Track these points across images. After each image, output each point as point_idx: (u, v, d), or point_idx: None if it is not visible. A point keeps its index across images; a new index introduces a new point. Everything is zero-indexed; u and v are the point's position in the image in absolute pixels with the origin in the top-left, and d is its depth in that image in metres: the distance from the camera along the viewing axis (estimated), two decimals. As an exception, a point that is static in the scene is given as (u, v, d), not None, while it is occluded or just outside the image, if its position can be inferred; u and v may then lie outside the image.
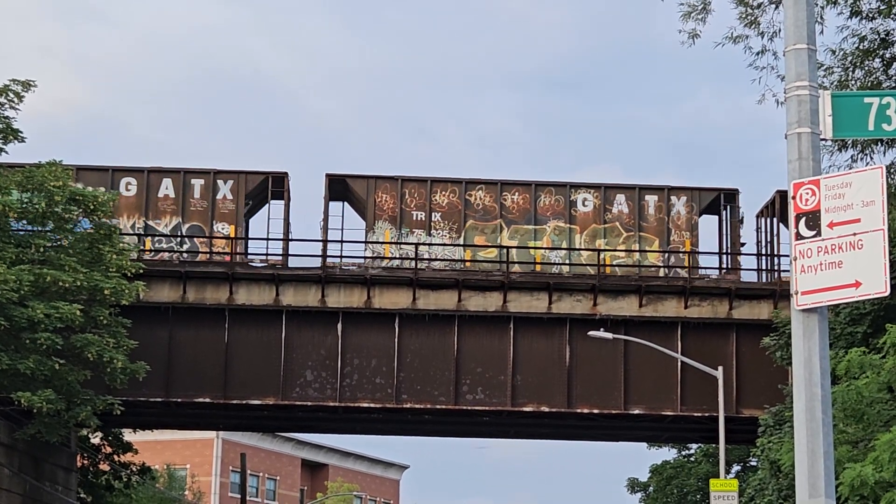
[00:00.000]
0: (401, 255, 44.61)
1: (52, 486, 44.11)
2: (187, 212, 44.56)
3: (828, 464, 10.77)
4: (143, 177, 44.68)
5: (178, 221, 44.52)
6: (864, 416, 28.61)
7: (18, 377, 37.27)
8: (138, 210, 44.45)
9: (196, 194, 44.72)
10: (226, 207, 44.69)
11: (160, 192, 44.71)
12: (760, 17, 33.37)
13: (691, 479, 57.42)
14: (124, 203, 44.31)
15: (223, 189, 44.83)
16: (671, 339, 43.49)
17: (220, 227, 44.60)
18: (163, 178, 44.81)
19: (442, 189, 45.27)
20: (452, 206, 45.14)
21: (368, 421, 48.19)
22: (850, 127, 11.53)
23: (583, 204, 45.48)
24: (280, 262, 44.10)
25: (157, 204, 44.62)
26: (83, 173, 44.38)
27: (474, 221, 45.16)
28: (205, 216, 44.67)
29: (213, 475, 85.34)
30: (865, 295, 10.87)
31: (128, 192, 44.52)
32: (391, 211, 44.95)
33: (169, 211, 44.66)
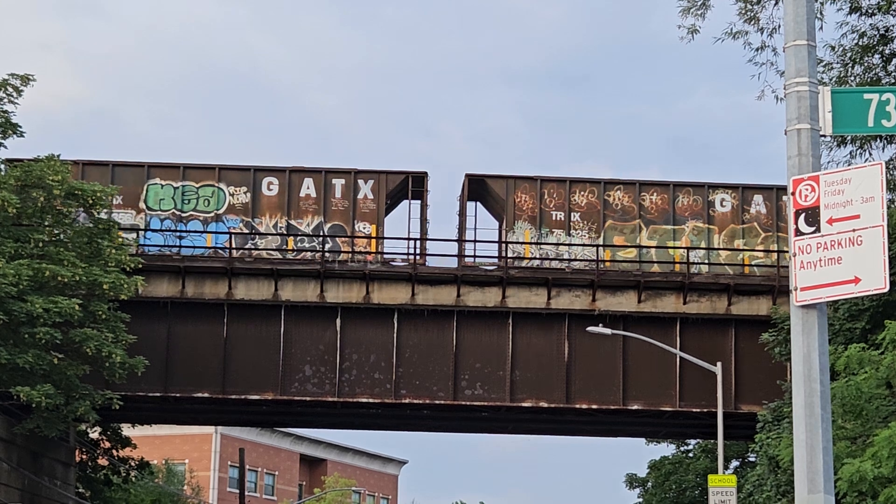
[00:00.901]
0: (540, 255, 44.67)
1: (51, 481, 44.13)
2: (329, 211, 44.68)
3: (827, 459, 10.78)
4: (285, 176, 44.81)
5: (320, 221, 44.64)
6: (862, 411, 28.65)
7: (17, 372, 37.28)
8: (280, 210, 44.59)
9: (337, 194, 44.82)
10: (367, 207, 44.75)
11: (302, 191, 44.82)
12: (760, 13, 33.44)
13: (690, 475, 57.40)
14: (266, 202, 44.55)
15: (364, 189, 44.93)
16: (670, 334, 43.50)
17: (361, 227, 44.67)
18: (304, 178, 44.92)
19: (581, 189, 45.20)
20: (591, 206, 45.08)
21: (367, 416, 48.20)
22: (849, 123, 11.53)
23: (721, 204, 45.32)
24: (420, 261, 44.28)
25: (298, 203, 44.73)
26: (226, 173, 44.77)
27: (613, 221, 45.09)
28: (346, 216, 44.75)
29: (212, 470, 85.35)
30: (865, 291, 10.88)
31: (269, 192, 44.70)
32: (530, 211, 44.94)
33: (311, 210, 44.75)
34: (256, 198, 44.46)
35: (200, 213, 44.42)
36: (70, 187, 39.22)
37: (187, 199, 44.39)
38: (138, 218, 44.19)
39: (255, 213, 44.25)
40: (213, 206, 44.37)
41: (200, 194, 44.40)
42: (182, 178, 44.55)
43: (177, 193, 44.41)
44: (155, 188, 44.38)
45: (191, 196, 44.43)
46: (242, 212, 44.48)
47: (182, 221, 44.38)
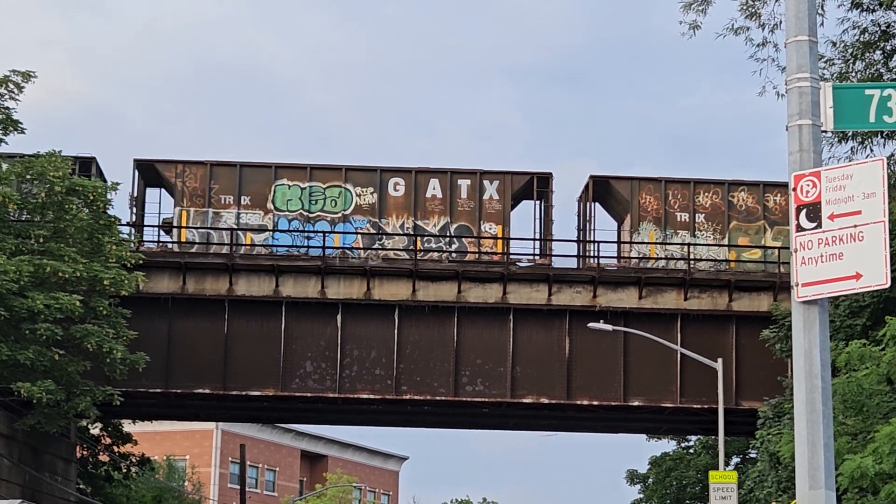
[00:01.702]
0: (666, 255, 44.74)
1: (52, 477, 44.14)
2: (455, 212, 44.79)
3: (828, 455, 10.78)
4: (411, 177, 44.98)
5: (447, 221, 44.72)
6: (863, 407, 28.66)
7: (18, 368, 37.29)
8: (407, 210, 44.73)
9: (463, 194, 44.96)
10: (492, 207, 44.89)
11: (428, 192, 44.92)
12: (761, 8, 33.40)
13: (690, 471, 57.41)
14: (393, 203, 44.70)
15: (489, 189, 45.05)
16: (671, 330, 43.51)
17: (487, 227, 44.75)
18: (430, 179, 45.09)
19: (705, 190, 45.29)
20: (716, 207, 45.15)
21: (368, 412, 48.21)
22: (851, 119, 11.52)
23: None
24: (546, 261, 44.42)
25: (425, 204, 44.87)
26: (353, 174, 45.03)
27: (737, 222, 45.17)
28: (472, 216, 44.87)
29: (213, 466, 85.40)
30: (866, 287, 10.87)
31: (396, 193, 44.88)
32: (655, 212, 45.02)
33: (437, 211, 44.91)
34: (383, 198, 44.72)
35: (328, 213, 44.73)
36: (71, 183, 39.20)
37: (314, 199, 44.73)
38: (266, 218, 44.52)
39: (381, 214, 44.57)
40: (340, 207, 44.63)
41: (327, 195, 44.71)
42: (309, 178, 44.85)
43: (304, 194, 44.76)
44: (282, 189, 44.69)
45: (318, 197, 44.76)
46: (369, 212, 44.72)
47: (310, 222, 44.70)
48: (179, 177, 44.66)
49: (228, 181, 44.42)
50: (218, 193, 44.62)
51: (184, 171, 44.70)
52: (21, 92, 39.81)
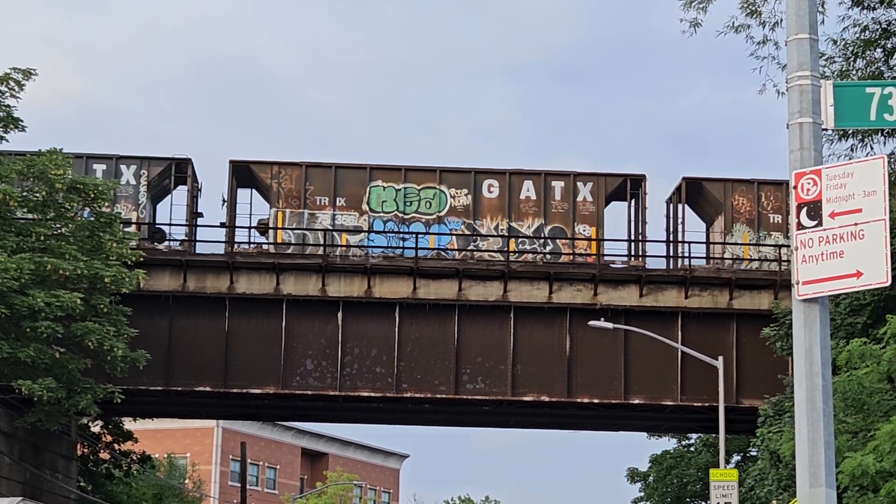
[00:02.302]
0: (759, 257, 44.80)
1: (52, 475, 44.16)
2: (549, 213, 44.83)
3: (828, 453, 10.78)
4: (505, 179, 45.06)
5: (541, 223, 44.78)
6: (864, 406, 28.65)
7: (19, 365, 37.29)
8: (501, 212, 44.81)
9: (557, 196, 44.99)
10: (586, 209, 44.96)
11: (522, 193, 44.98)
12: (762, 6, 33.34)
13: (691, 469, 57.41)
14: (487, 204, 44.83)
15: (583, 191, 45.12)
16: (671, 328, 43.52)
17: (581, 229, 44.84)
18: (524, 180, 45.17)
19: None
20: None
21: (368, 410, 48.23)
22: (851, 117, 11.52)
23: None
24: (640, 263, 44.51)
25: (519, 206, 44.92)
26: (447, 175, 45.16)
27: None
28: (566, 218, 44.91)
29: (214, 464, 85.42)
30: (867, 285, 10.87)
31: (490, 194, 44.97)
32: (748, 213, 45.08)
33: (531, 213, 44.98)
34: (477, 200, 44.83)
35: (423, 214, 44.86)
36: (72, 181, 39.20)
37: (409, 201, 44.87)
38: (361, 220, 44.68)
39: (476, 215, 44.60)
40: (434, 208, 44.75)
41: (422, 196, 44.84)
42: (404, 180, 44.96)
43: (399, 195, 44.90)
44: (377, 190, 44.82)
45: (413, 198, 44.90)
46: (464, 214, 44.81)
47: (405, 223, 44.81)
48: (275, 178, 44.80)
49: (323, 182, 44.65)
50: (313, 195, 44.78)
51: (279, 172, 44.83)
52: (22, 90, 39.79)
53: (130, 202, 44.40)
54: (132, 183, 44.50)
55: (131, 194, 44.45)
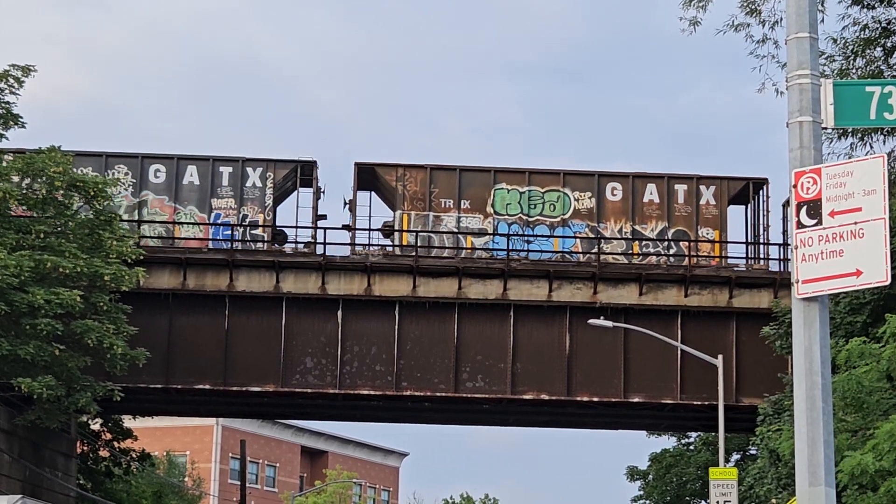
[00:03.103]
0: None
1: (52, 472, 44.16)
2: (672, 216, 44.95)
3: (828, 452, 10.78)
4: (629, 182, 45.19)
5: (664, 226, 44.94)
6: (863, 405, 28.63)
7: (18, 363, 37.28)
8: (625, 215, 44.91)
9: (680, 199, 45.12)
10: (709, 212, 45.11)
11: (645, 196, 45.11)
12: (762, 5, 33.38)
13: (690, 468, 57.43)
14: (610, 207, 44.95)
15: (706, 194, 45.30)
16: (671, 327, 43.51)
17: (704, 232, 44.99)
18: (647, 184, 45.34)
19: None
20: None
21: (368, 408, 48.22)
22: (851, 116, 11.52)
23: None
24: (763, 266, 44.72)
25: (642, 209, 45.01)
26: (570, 178, 45.26)
27: None
28: (689, 221, 45.06)
29: (213, 462, 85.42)
30: (866, 283, 10.87)
31: (613, 197, 45.11)
32: None
33: (654, 216, 45.07)
34: (601, 203, 44.90)
35: (547, 217, 44.97)
36: (71, 178, 39.19)
37: (533, 203, 45.00)
38: (486, 222, 44.76)
39: (600, 218, 44.67)
40: (558, 211, 44.85)
41: (546, 199, 44.94)
42: (528, 183, 45.04)
43: (523, 198, 45.03)
44: (501, 193, 44.97)
45: (537, 201, 45.03)
46: (588, 217, 44.87)
47: (529, 226, 44.88)
48: (400, 180, 44.93)
49: (448, 185, 44.87)
50: (438, 197, 44.93)
51: (404, 174, 44.97)
52: (21, 86, 39.79)
53: (257, 204, 44.60)
54: (258, 185, 44.72)
55: (257, 196, 44.65)
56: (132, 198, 44.38)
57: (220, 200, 44.46)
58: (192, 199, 44.53)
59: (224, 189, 44.54)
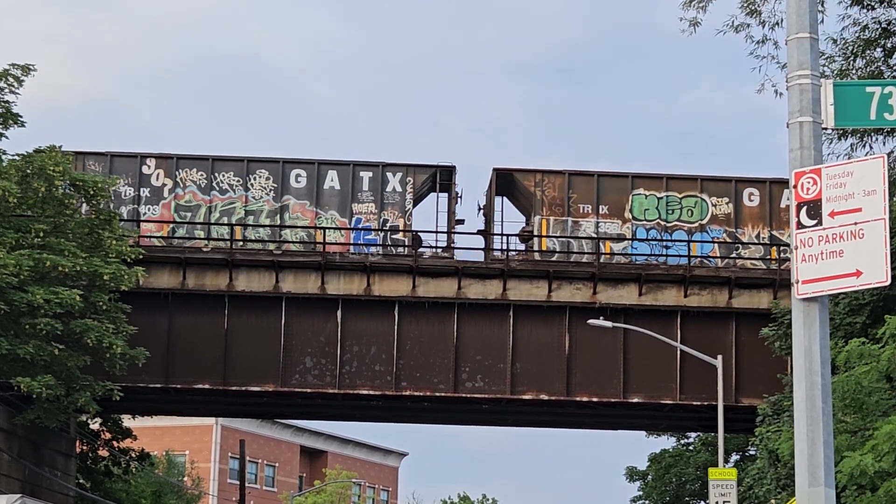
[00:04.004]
0: None
1: (51, 472, 44.15)
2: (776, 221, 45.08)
3: (828, 453, 10.78)
4: (766, 188, 45.19)
5: None
6: (863, 405, 28.63)
7: (18, 362, 37.27)
8: (762, 220, 44.98)
9: (783, 204, 45.14)
10: None
11: (782, 202, 44.98)
12: (762, 6, 33.41)
13: (690, 468, 57.45)
14: (748, 213, 45.10)
15: None
16: (671, 327, 43.50)
17: None
18: (784, 189, 45.36)
19: None
20: None
21: (368, 408, 48.21)
22: (851, 116, 11.52)
23: None
24: None
25: (780, 214, 44.95)
26: (708, 184, 45.39)
27: None
28: None
29: (212, 461, 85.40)
30: (866, 284, 10.87)
31: (750, 203, 45.20)
32: None
33: None
34: (738, 208, 44.99)
35: (684, 223, 45.07)
36: (71, 178, 39.19)
37: (671, 209, 45.12)
38: (624, 227, 44.91)
39: (737, 224, 44.78)
40: (696, 217, 44.96)
41: (684, 205, 45.09)
42: (665, 188, 45.16)
43: (661, 204, 45.16)
44: (639, 198, 45.10)
45: (674, 206, 45.17)
46: (725, 222, 44.96)
47: (667, 231, 45.01)
48: (538, 186, 45.01)
49: (586, 190, 44.96)
50: (576, 202, 45.00)
51: (542, 180, 45.07)
52: (21, 86, 39.79)
53: (397, 209, 44.75)
54: (398, 190, 44.88)
55: (397, 201, 44.81)
56: (273, 202, 44.69)
57: (361, 205, 44.74)
58: (333, 203, 44.80)
59: (364, 194, 44.81)
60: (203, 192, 44.57)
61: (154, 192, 44.49)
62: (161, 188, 44.52)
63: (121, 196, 44.01)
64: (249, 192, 44.60)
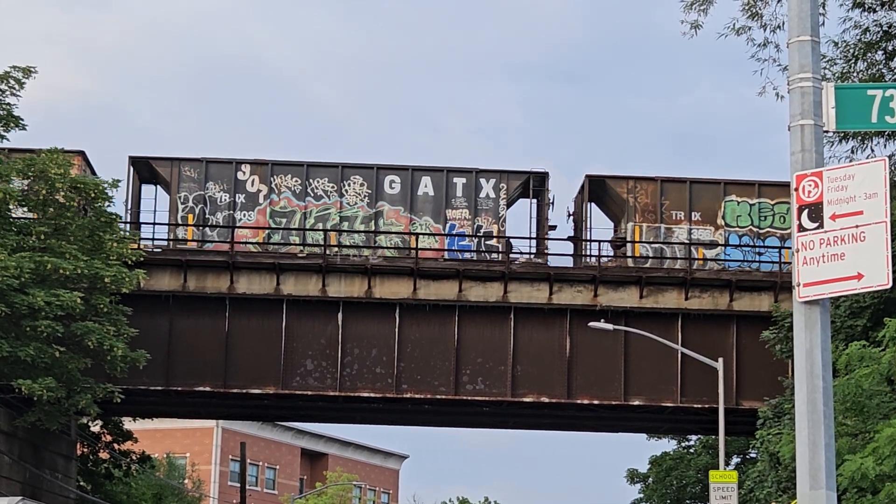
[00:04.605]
0: None
1: (52, 474, 44.15)
2: None
3: (829, 456, 10.78)
4: None
5: None
6: (863, 408, 28.64)
7: (19, 365, 37.27)
8: None
9: None
10: None
11: None
12: (763, 9, 33.40)
13: (691, 471, 57.41)
14: None
15: None
16: (671, 330, 43.50)
17: None
18: None
19: None
20: None
21: (368, 410, 48.21)
22: (853, 119, 11.51)
23: None
24: None
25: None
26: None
27: None
28: None
29: (213, 464, 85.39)
30: (867, 287, 10.87)
31: None
32: None
33: None
34: None
35: (777, 229, 45.27)
36: (72, 180, 39.17)
37: (763, 215, 45.38)
38: (717, 234, 45.10)
39: None
40: (788, 223, 45.04)
41: (776, 211, 45.31)
42: (757, 195, 45.40)
43: (753, 210, 45.42)
44: (731, 205, 45.38)
45: (766, 213, 45.42)
46: None
47: (759, 238, 45.25)
48: (631, 192, 45.28)
49: (679, 197, 45.24)
50: (669, 209, 45.22)
51: (635, 186, 45.35)
52: (22, 88, 39.76)
53: (490, 215, 45.00)
54: (491, 196, 45.18)
55: (491, 207, 45.08)
56: (368, 208, 44.92)
57: (455, 211, 45.07)
58: (427, 209, 45.09)
59: (458, 200, 45.10)
60: (298, 199, 44.90)
61: (249, 197, 44.83)
62: (256, 194, 44.88)
63: (216, 202, 44.34)
64: (344, 199, 44.96)
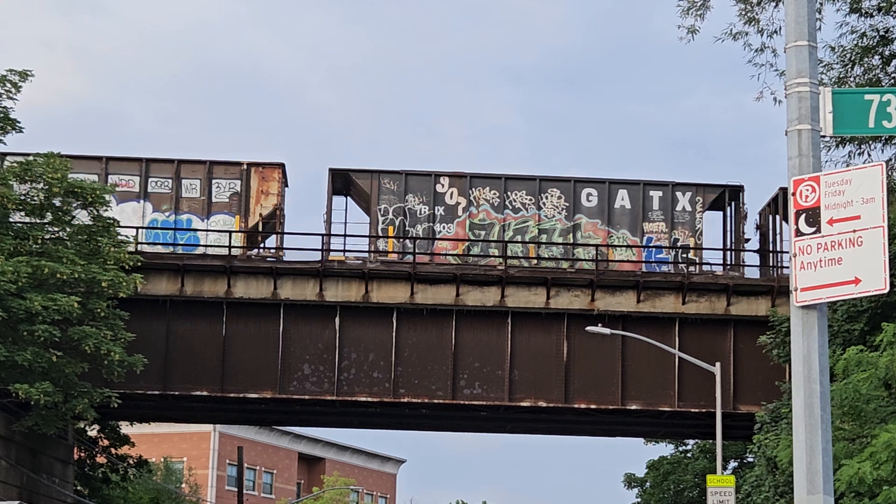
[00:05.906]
0: None
1: (49, 479, 44.12)
2: None
3: (826, 460, 10.78)
4: None
5: None
6: (861, 413, 28.61)
7: (16, 369, 37.26)
8: None
9: None
10: None
11: None
12: (760, 14, 33.41)
13: (688, 475, 57.40)
14: None
15: None
16: (669, 334, 43.49)
17: None
18: None
19: None
20: None
21: (366, 415, 48.19)
22: (850, 124, 11.52)
23: None
24: None
25: None
26: None
27: None
28: None
29: (210, 468, 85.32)
30: (865, 292, 10.87)
31: None
32: None
33: None
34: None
35: None
36: (69, 184, 39.16)
37: None
38: None
39: None
40: None
41: None
42: None
43: None
44: None
45: None
46: None
47: None
48: None
49: None
50: None
51: None
52: (18, 91, 39.79)
53: (687, 228, 45.19)
54: (687, 209, 45.38)
55: (687, 220, 45.29)
56: (566, 221, 45.15)
57: (652, 224, 45.25)
58: (624, 222, 45.28)
59: (655, 213, 45.29)
60: (496, 211, 45.13)
61: (448, 210, 45.07)
62: (455, 206, 45.10)
63: (416, 214, 44.60)
64: (542, 211, 45.10)
